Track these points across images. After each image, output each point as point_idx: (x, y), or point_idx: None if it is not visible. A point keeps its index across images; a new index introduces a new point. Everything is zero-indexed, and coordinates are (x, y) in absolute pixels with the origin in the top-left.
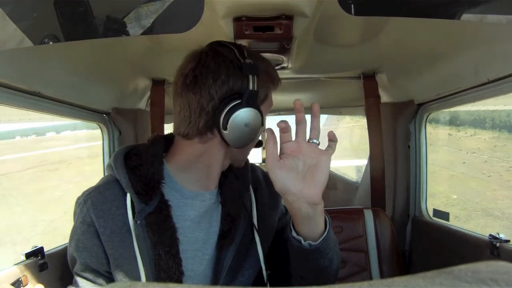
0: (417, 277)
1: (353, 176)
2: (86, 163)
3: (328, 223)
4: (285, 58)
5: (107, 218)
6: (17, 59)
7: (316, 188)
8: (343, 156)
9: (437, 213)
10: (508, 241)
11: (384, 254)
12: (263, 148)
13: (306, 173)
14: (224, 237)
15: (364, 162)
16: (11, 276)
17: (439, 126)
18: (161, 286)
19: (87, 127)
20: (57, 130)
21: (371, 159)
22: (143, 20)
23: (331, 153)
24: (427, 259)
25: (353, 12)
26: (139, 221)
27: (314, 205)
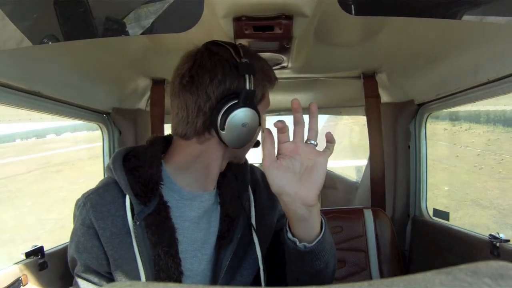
0: (417, 277)
1: (353, 173)
2: (88, 164)
3: (324, 225)
4: (285, 58)
5: (107, 219)
6: (17, 59)
7: (312, 190)
8: (343, 154)
9: (437, 213)
10: (508, 241)
11: (384, 254)
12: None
13: (303, 174)
14: (223, 237)
15: (364, 162)
16: (11, 275)
17: (435, 121)
18: (161, 286)
19: (87, 128)
20: (57, 132)
21: (371, 159)
22: (143, 20)
23: (328, 155)
24: (427, 259)
25: (353, 12)
26: (138, 222)
27: (310, 207)
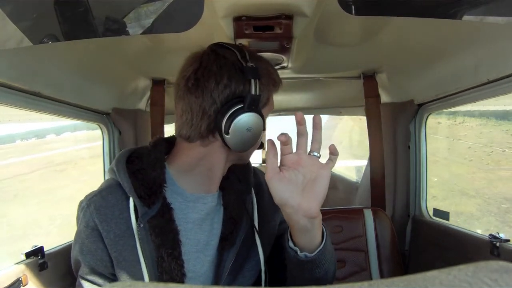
0: (417, 277)
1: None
2: (90, 163)
3: (326, 234)
4: (285, 58)
5: (110, 222)
6: (17, 59)
7: (314, 202)
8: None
9: (437, 212)
10: (508, 240)
11: (384, 254)
12: (263, 148)
13: (305, 187)
14: (226, 239)
15: (363, 162)
16: (11, 276)
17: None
18: (161, 286)
19: (87, 128)
20: (57, 132)
21: (371, 159)
22: (143, 20)
23: (331, 167)
24: (427, 259)
25: (353, 12)
26: (142, 225)
27: (312, 219)
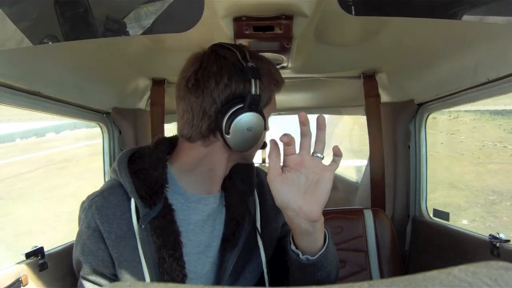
0: (417, 277)
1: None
2: (91, 160)
3: (328, 237)
4: (285, 58)
5: (112, 222)
6: (17, 59)
7: (316, 205)
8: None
9: (437, 213)
10: (508, 241)
11: (384, 254)
12: (265, 149)
13: (308, 189)
14: (228, 240)
15: (364, 162)
16: (11, 276)
17: None
18: (161, 286)
19: (86, 126)
20: (56, 130)
21: (371, 159)
22: (143, 20)
23: (334, 169)
24: (427, 259)
25: (353, 12)
26: (143, 226)
27: (313, 222)
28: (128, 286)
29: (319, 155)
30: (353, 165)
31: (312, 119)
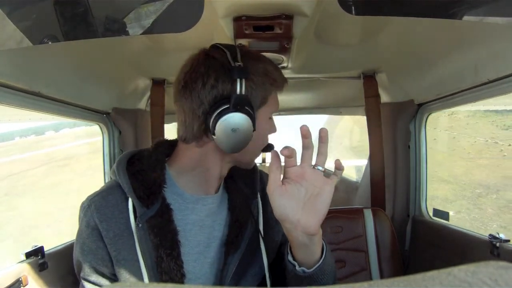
0: (417, 277)
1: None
2: (92, 157)
3: (325, 250)
4: (285, 58)
5: (110, 221)
6: (17, 59)
7: (314, 219)
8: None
9: (437, 212)
10: (508, 241)
11: (384, 254)
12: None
13: (307, 202)
14: (231, 242)
15: (364, 162)
16: (11, 276)
17: None
18: (161, 287)
19: (85, 124)
20: (55, 128)
21: (371, 159)
22: (143, 20)
23: (335, 182)
24: (427, 259)
25: (353, 11)
26: (140, 225)
27: (311, 235)
28: (128, 287)
29: (320, 168)
30: (352, 164)
31: (313, 121)
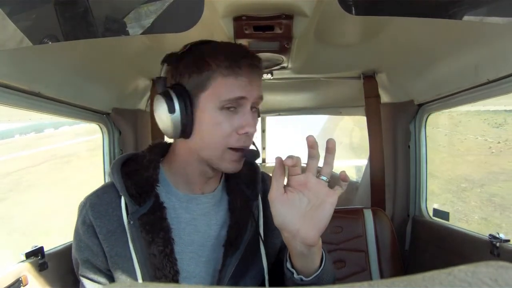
0: (417, 277)
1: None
2: (94, 154)
3: (325, 259)
4: (285, 58)
5: (104, 218)
6: (17, 59)
7: (314, 231)
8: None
9: (437, 213)
10: (508, 241)
11: (384, 254)
12: (263, 148)
13: (307, 213)
14: (231, 244)
15: (364, 162)
16: (11, 276)
17: None
18: (161, 286)
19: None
20: (55, 126)
21: (371, 159)
22: (143, 20)
23: (339, 194)
24: (427, 259)
25: (353, 11)
26: (132, 222)
27: (310, 246)
28: (128, 286)
29: (324, 178)
30: (352, 164)
31: (313, 121)
